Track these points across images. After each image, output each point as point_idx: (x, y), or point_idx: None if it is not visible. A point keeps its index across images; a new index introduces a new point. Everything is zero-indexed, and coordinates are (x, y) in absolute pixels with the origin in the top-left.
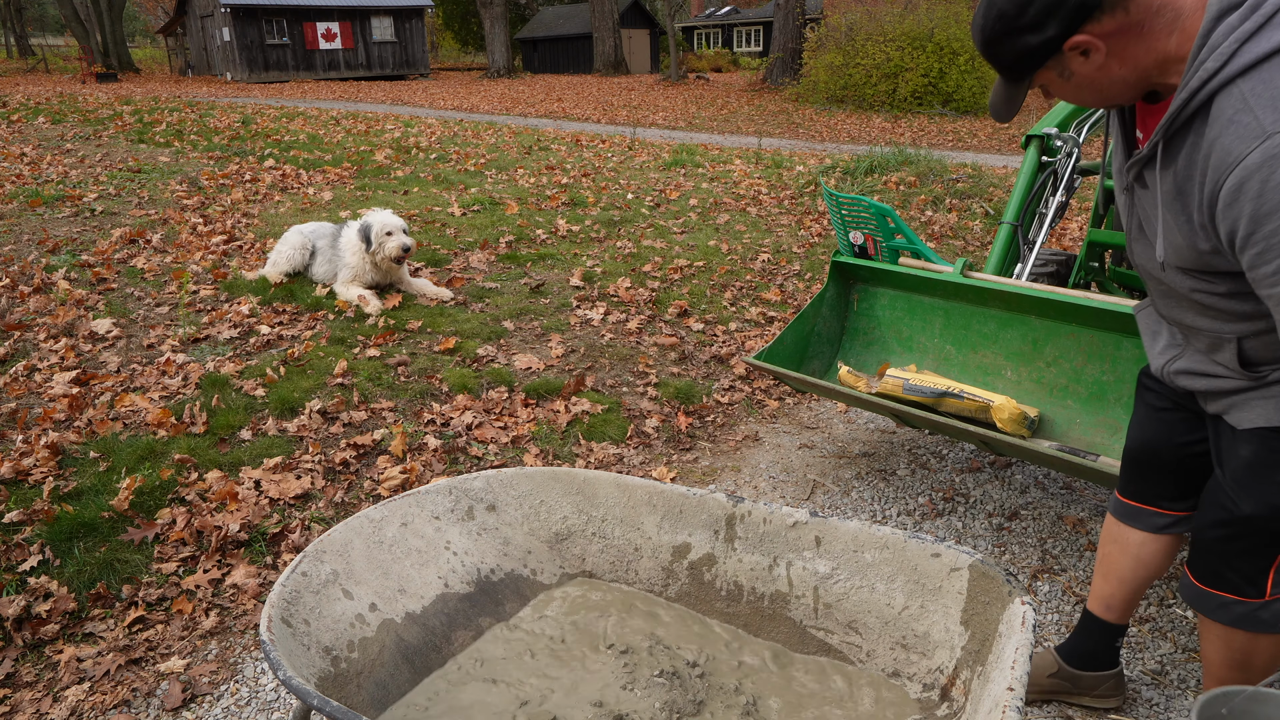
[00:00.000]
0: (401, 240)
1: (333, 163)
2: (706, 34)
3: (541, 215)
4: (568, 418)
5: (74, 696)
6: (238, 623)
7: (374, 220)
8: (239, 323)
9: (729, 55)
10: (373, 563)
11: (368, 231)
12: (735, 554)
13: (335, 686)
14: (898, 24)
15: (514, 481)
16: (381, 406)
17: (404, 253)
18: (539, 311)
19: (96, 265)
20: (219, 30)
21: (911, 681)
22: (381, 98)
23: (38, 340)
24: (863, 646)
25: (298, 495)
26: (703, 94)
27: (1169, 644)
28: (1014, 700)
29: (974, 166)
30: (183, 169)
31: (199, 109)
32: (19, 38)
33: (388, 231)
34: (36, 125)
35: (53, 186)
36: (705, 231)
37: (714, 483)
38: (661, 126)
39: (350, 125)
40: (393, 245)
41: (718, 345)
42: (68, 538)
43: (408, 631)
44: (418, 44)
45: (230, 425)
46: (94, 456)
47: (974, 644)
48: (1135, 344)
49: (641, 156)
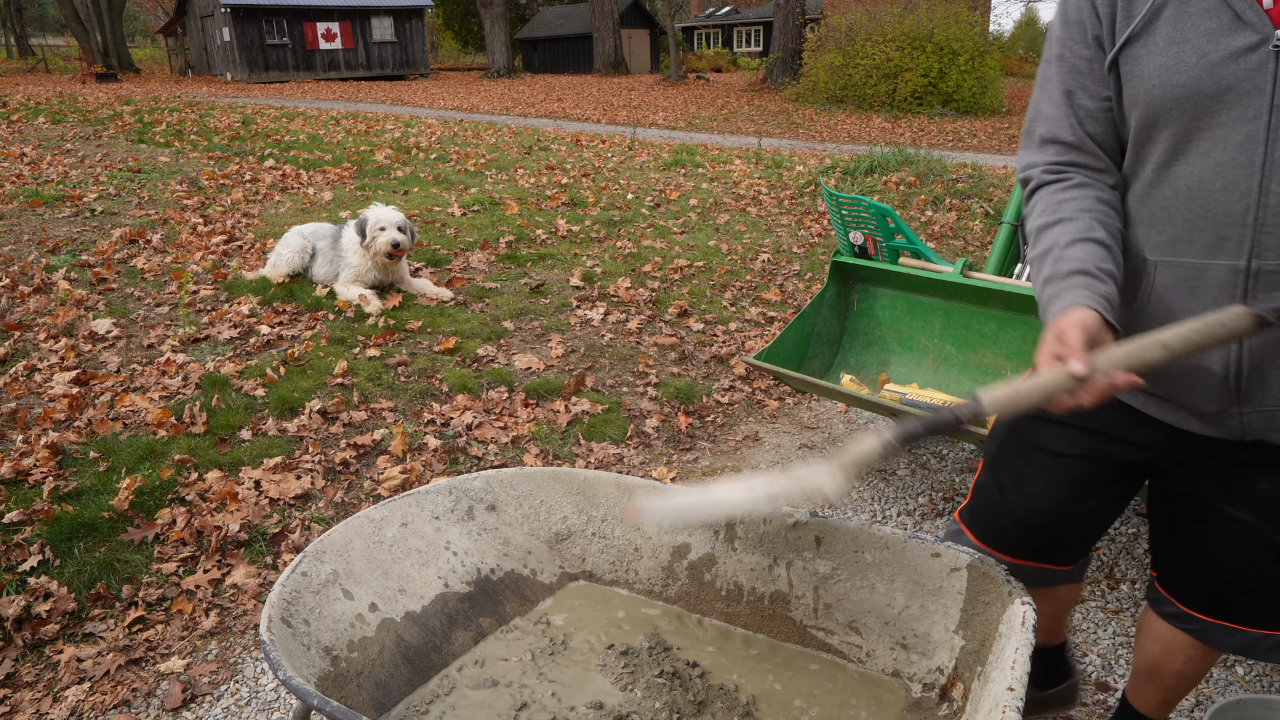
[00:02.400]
0: (391, 236)
1: (333, 163)
2: (706, 34)
3: (541, 215)
4: (568, 418)
5: (74, 696)
6: (238, 623)
7: (371, 215)
8: (239, 323)
9: (729, 55)
10: (373, 563)
11: (364, 225)
12: (735, 554)
13: (335, 686)
14: (897, 24)
15: (514, 481)
16: (381, 406)
17: (393, 248)
18: (539, 311)
19: (96, 265)
20: (219, 30)
21: (912, 682)
22: (381, 98)
23: (38, 340)
24: (863, 646)
25: (298, 495)
26: (703, 94)
27: None
28: (1014, 700)
29: (974, 166)
30: (183, 169)
31: (199, 109)
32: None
33: (381, 227)
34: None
35: (53, 186)
36: (705, 231)
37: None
38: (661, 126)
39: (350, 125)
40: (383, 240)
41: (718, 345)
42: (68, 538)
43: (408, 631)
44: (418, 44)
45: (230, 425)
46: (94, 456)
47: (974, 644)
48: None
49: (641, 156)
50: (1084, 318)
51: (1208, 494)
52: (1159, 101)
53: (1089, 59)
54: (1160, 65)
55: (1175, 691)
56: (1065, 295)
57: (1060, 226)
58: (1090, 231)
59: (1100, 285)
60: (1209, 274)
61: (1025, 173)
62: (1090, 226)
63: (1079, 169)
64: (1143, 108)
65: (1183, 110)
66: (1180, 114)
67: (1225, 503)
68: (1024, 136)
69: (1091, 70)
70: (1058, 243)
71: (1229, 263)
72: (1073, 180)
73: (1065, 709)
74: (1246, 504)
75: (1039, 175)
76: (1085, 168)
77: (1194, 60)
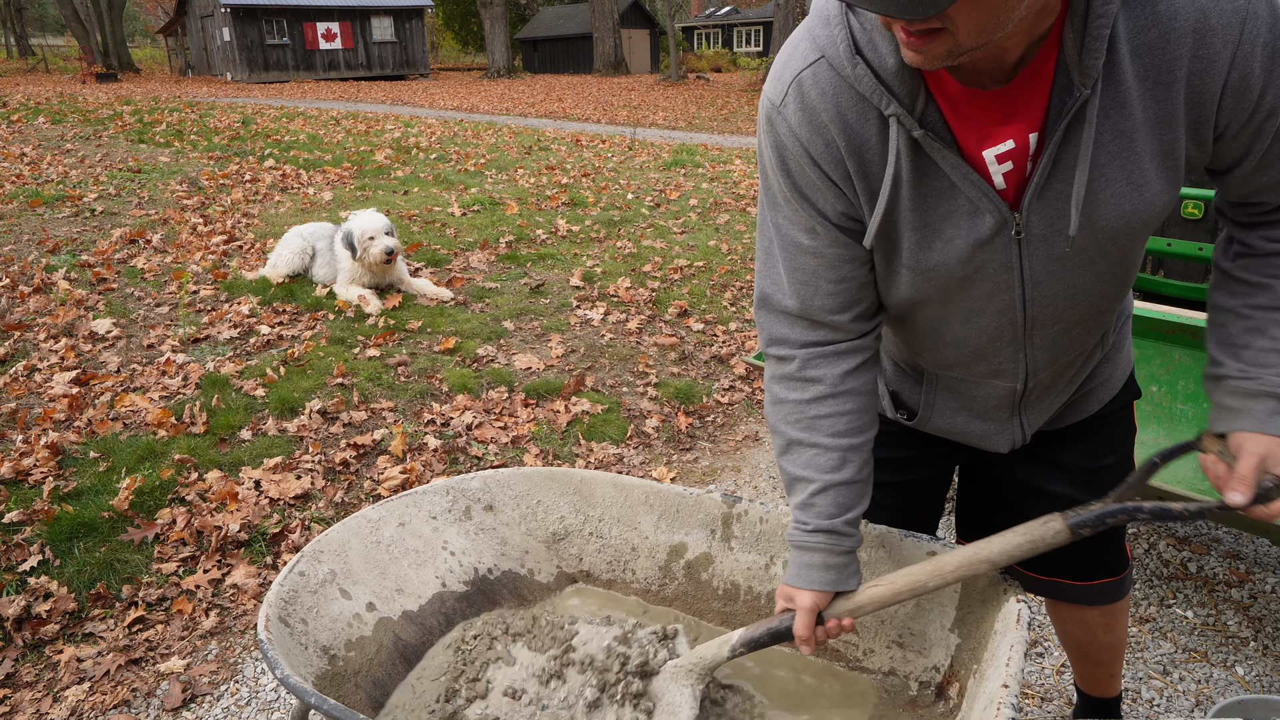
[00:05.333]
0: (384, 244)
1: (333, 163)
2: (706, 34)
3: (541, 215)
4: (568, 418)
5: (74, 696)
6: (238, 623)
7: (355, 226)
8: (239, 323)
9: (729, 55)
10: (370, 562)
11: (350, 239)
12: (732, 553)
13: (333, 685)
14: None
15: (511, 481)
16: (381, 406)
17: (388, 255)
18: (539, 311)
19: (96, 265)
20: (219, 30)
21: (908, 679)
22: (381, 98)
23: (38, 340)
24: (859, 645)
25: (298, 495)
26: (703, 94)
27: (1169, 644)
28: (1009, 697)
29: None
30: (183, 169)
31: (199, 109)
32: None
33: (370, 236)
34: (36, 125)
35: (53, 186)
36: (705, 231)
37: (714, 483)
38: (661, 126)
39: (350, 125)
40: (376, 250)
41: (718, 345)
42: (68, 538)
43: (405, 631)
44: (418, 44)
45: (230, 425)
46: (94, 456)
47: (970, 642)
48: (1137, 343)
49: (641, 156)
50: (816, 602)
51: (1023, 479)
52: (912, 287)
53: (841, 229)
54: (910, 253)
55: (1112, 662)
56: (805, 566)
57: (811, 454)
58: (839, 471)
59: (844, 542)
60: (986, 387)
61: (774, 349)
62: (841, 461)
63: (835, 353)
64: (896, 289)
65: (938, 291)
66: (937, 293)
67: (1042, 481)
68: (761, 300)
69: (848, 239)
70: (808, 480)
71: (1006, 384)
72: (827, 384)
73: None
74: (1058, 478)
75: (794, 369)
76: (843, 346)
77: (941, 249)
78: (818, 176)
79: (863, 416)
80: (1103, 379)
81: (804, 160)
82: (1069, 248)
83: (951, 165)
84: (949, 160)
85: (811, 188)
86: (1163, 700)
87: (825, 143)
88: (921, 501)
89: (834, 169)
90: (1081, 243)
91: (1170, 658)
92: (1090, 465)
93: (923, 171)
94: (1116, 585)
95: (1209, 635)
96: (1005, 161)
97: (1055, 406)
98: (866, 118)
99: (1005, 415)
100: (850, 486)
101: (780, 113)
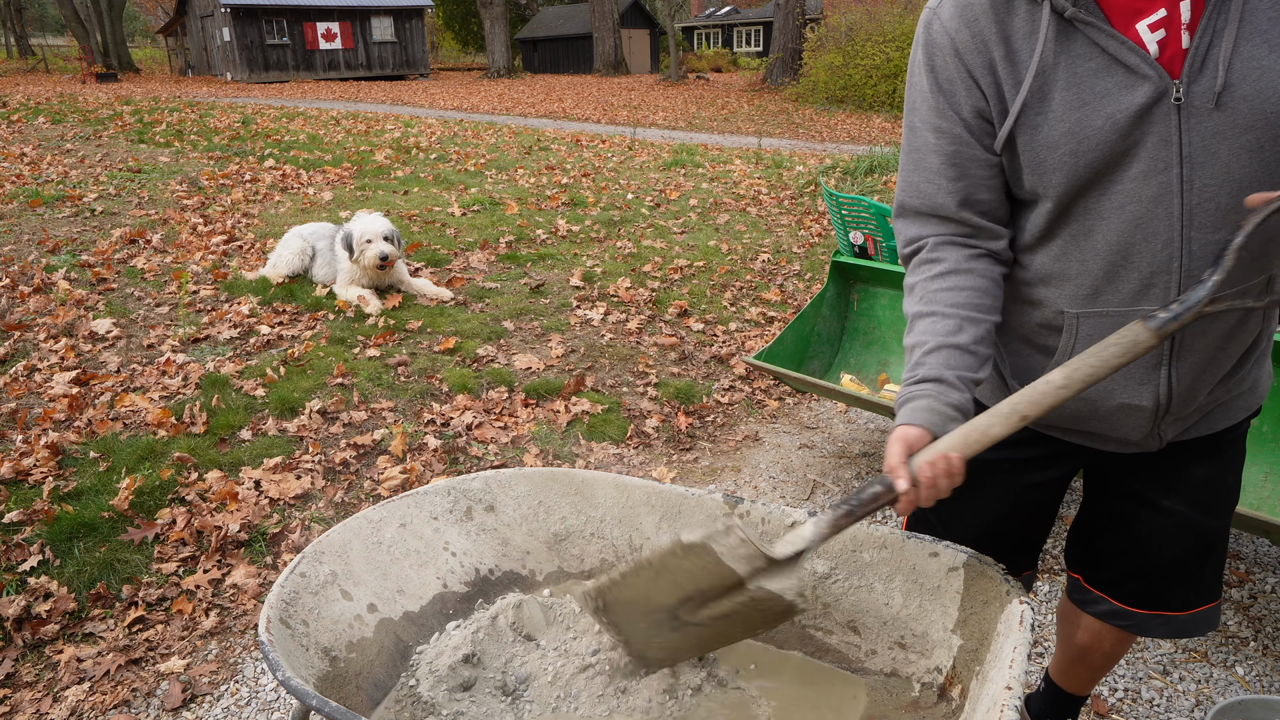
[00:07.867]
0: (379, 249)
1: (333, 163)
2: (706, 34)
3: (541, 215)
4: (568, 418)
5: (74, 696)
6: (238, 623)
7: (355, 228)
8: (239, 323)
9: (729, 55)
10: (371, 563)
11: (349, 240)
12: None
13: (334, 686)
14: (897, 24)
15: (512, 482)
16: (381, 406)
17: (383, 261)
18: (539, 311)
19: (96, 265)
20: (219, 30)
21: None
22: (381, 98)
23: (38, 340)
24: (861, 646)
25: (298, 495)
26: (703, 94)
27: (1169, 644)
28: (1011, 699)
29: None
30: (183, 169)
31: (199, 109)
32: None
33: (367, 239)
34: (36, 125)
35: (53, 186)
36: (705, 231)
37: (714, 483)
38: (661, 126)
39: (350, 125)
40: (371, 254)
41: (718, 345)
42: (68, 538)
43: (406, 632)
44: (418, 44)
45: (230, 425)
46: (94, 456)
47: (972, 643)
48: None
49: (641, 156)
50: (907, 435)
51: (1140, 491)
52: (1068, 168)
53: (969, 127)
54: (1064, 132)
55: (1103, 670)
56: (907, 406)
57: (930, 321)
58: (954, 335)
59: (951, 394)
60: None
61: (909, 248)
62: (958, 327)
63: (963, 243)
64: (1049, 174)
65: (1095, 171)
66: (1092, 175)
67: (1161, 497)
68: (899, 209)
69: (973, 139)
70: (922, 343)
71: (1154, 308)
72: (950, 262)
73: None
74: (1180, 494)
75: (923, 254)
76: (969, 240)
77: (1100, 124)
78: (959, 72)
79: (984, 297)
80: (1250, 384)
81: (950, 56)
82: (1229, 118)
83: (1106, 37)
84: (1103, 33)
85: (950, 82)
86: (1163, 700)
87: (973, 34)
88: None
89: (978, 61)
90: (1242, 118)
91: (1170, 658)
92: (1218, 483)
93: (1075, 54)
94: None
95: (1209, 635)
96: (1158, 30)
97: (1206, 379)
98: (1015, 9)
99: (1153, 362)
100: (964, 351)
101: (936, 14)
